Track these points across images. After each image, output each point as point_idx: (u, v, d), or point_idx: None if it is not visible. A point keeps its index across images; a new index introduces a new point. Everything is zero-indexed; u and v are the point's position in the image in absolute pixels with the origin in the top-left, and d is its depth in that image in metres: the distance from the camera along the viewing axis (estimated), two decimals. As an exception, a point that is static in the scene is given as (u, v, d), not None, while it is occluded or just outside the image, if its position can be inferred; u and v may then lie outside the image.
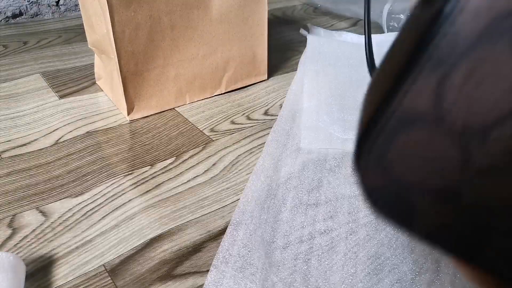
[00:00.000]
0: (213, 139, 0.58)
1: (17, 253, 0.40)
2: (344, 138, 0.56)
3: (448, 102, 0.13)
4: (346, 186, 0.48)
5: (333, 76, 0.70)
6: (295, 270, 0.38)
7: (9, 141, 0.56)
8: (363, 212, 0.45)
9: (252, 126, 0.61)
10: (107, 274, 0.39)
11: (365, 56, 0.45)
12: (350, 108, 0.62)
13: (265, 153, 0.54)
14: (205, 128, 0.60)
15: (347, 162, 0.52)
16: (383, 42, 0.82)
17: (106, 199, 0.47)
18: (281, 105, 0.65)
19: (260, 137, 0.58)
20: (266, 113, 0.64)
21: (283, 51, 0.85)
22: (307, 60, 0.76)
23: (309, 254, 0.40)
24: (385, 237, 0.42)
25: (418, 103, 0.14)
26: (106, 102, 0.66)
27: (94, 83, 0.71)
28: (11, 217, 0.45)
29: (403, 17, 0.91)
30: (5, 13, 0.95)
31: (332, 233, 0.42)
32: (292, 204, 0.46)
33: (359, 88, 0.67)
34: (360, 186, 0.16)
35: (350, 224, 0.43)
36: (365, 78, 0.71)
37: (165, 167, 0.52)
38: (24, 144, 0.56)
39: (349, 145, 0.55)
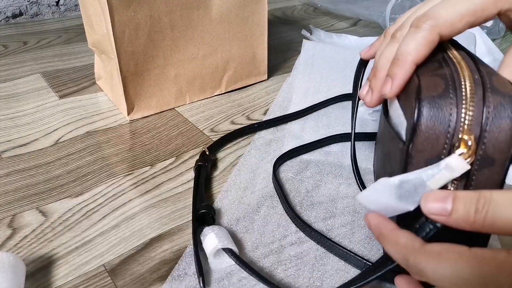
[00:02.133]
0: (213, 139, 0.58)
1: (17, 253, 0.40)
2: (327, 150, 0.55)
3: None
4: (323, 192, 0.48)
5: (325, 87, 0.70)
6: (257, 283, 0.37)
7: (9, 141, 0.56)
8: (339, 220, 0.44)
9: (252, 126, 0.61)
10: (107, 274, 0.39)
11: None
12: (336, 123, 0.60)
13: (241, 164, 0.53)
14: (205, 128, 0.60)
15: (328, 169, 0.52)
16: None
17: (106, 199, 0.47)
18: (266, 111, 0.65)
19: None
20: (266, 113, 0.64)
21: (283, 51, 0.85)
22: (299, 67, 0.76)
23: (276, 264, 0.40)
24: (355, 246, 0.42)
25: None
26: (106, 102, 0.66)
27: (94, 83, 0.71)
28: (11, 217, 0.45)
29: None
30: (5, 13, 0.95)
31: (303, 245, 0.42)
32: (265, 213, 0.45)
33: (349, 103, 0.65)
34: None
35: (323, 233, 0.43)
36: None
37: (165, 167, 0.52)
38: (24, 144, 0.56)
39: (331, 157, 0.54)
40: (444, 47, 0.32)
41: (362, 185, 0.48)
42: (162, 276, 0.38)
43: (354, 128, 0.49)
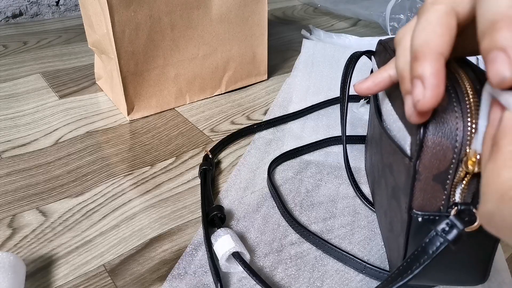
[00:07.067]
0: (213, 139, 0.58)
1: (17, 253, 0.40)
2: (327, 151, 0.55)
3: None
4: (323, 192, 0.48)
5: (325, 86, 0.70)
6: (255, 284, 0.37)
7: (9, 141, 0.56)
8: (339, 220, 0.44)
9: (252, 126, 0.61)
10: (107, 274, 0.39)
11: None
12: (336, 123, 0.60)
13: (241, 164, 0.53)
14: (205, 128, 0.60)
15: (328, 170, 0.52)
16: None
17: (106, 199, 0.47)
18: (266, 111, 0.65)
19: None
20: (266, 113, 0.64)
21: (283, 51, 0.85)
22: (299, 66, 0.76)
23: (276, 263, 0.39)
24: (356, 248, 0.41)
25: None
26: (106, 102, 0.66)
27: (94, 83, 0.71)
28: (11, 217, 0.45)
29: (403, 17, 0.91)
30: (5, 13, 0.95)
31: (303, 244, 0.42)
32: (266, 212, 0.45)
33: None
34: None
35: (323, 234, 0.43)
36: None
37: (165, 167, 0.52)
38: (24, 144, 0.56)
39: (331, 158, 0.54)
40: None
41: (357, 187, 0.48)
42: (162, 276, 0.38)
43: (345, 131, 0.49)
